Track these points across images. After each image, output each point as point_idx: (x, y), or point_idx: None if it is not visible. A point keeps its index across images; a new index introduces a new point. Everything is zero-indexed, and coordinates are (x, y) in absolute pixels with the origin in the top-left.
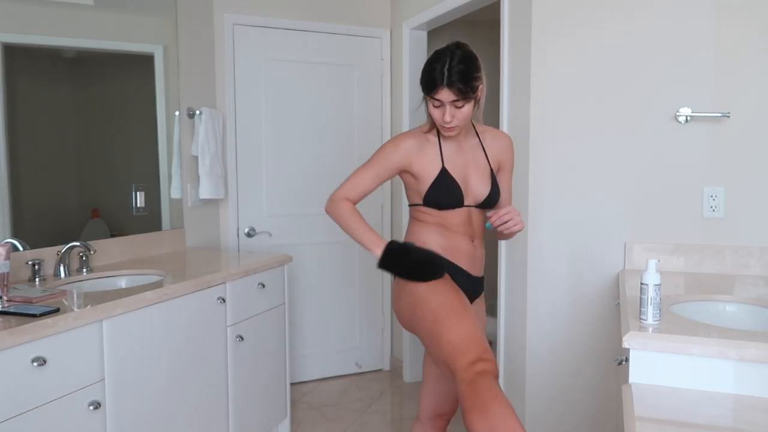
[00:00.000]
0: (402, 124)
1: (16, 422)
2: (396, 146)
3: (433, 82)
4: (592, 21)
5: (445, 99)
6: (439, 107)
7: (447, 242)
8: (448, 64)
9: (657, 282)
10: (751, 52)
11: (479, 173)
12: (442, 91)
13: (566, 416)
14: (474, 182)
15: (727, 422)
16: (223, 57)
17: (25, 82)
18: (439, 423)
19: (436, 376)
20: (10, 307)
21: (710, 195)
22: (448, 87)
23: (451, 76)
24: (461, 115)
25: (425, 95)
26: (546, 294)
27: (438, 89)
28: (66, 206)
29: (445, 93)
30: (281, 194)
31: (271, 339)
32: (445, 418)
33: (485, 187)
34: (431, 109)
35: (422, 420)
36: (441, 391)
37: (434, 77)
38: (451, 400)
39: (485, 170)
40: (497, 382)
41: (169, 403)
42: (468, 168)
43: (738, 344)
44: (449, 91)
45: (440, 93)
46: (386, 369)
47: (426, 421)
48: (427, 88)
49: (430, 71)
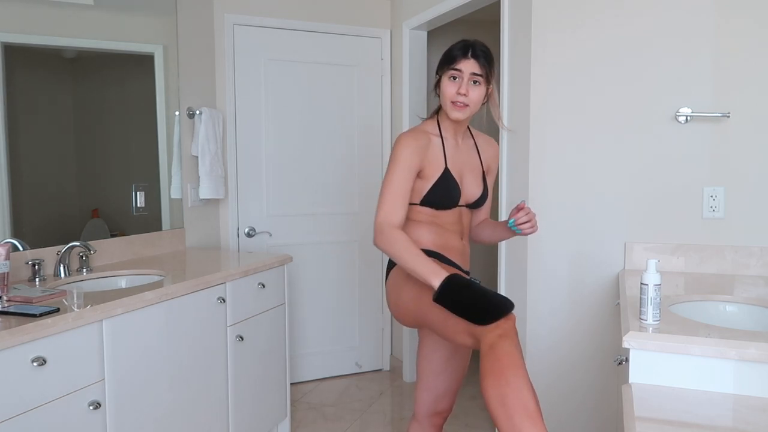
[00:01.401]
0: (402, 124)
1: (16, 422)
2: (410, 148)
3: (457, 54)
4: (592, 21)
5: (466, 69)
6: (456, 80)
7: (441, 240)
8: (473, 43)
9: (657, 282)
10: (751, 52)
11: (473, 174)
12: (465, 61)
13: (566, 416)
14: (468, 183)
15: (727, 422)
16: (223, 57)
17: (25, 82)
18: (436, 421)
19: (434, 374)
20: (10, 307)
21: (710, 195)
22: (473, 58)
23: (475, 50)
24: (474, 96)
25: (443, 70)
26: (546, 294)
27: (461, 59)
28: (66, 206)
29: (468, 63)
30: (281, 194)
31: (271, 339)
32: (442, 416)
33: (478, 188)
34: (446, 85)
35: (419, 418)
36: (438, 388)
37: (457, 51)
38: (448, 397)
39: (479, 172)
40: (517, 345)
41: (169, 403)
42: (464, 168)
43: (738, 344)
44: (473, 62)
45: (462, 63)
46: (386, 369)
47: (423, 419)
48: (448, 60)
49: (453, 47)
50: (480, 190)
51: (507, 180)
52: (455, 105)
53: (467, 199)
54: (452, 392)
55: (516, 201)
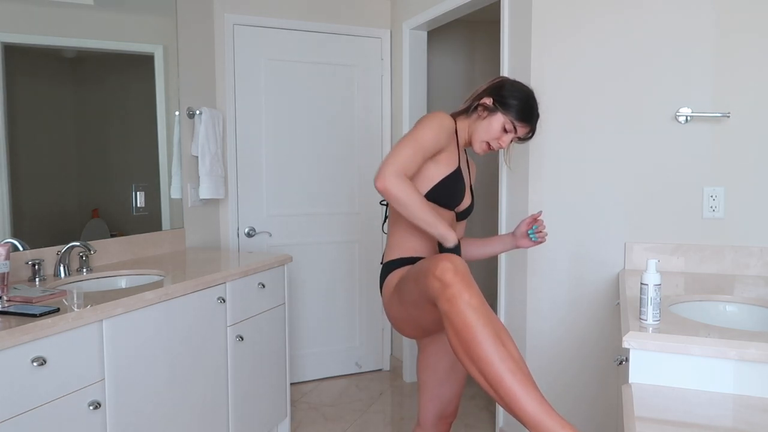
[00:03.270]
0: (402, 125)
1: (16, 422)
2: (444, 125)
3: (530, 116)
4: (592, 21)
5: (521, 132)
6: (508, 133)
7: (427, 246)
8: (538, 111)
9: (657, 282)
10: (751, 52)
11: (468, 185)
12: (527, 125)
13: (566, 416)
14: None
15: (727, 422)
16: (223, 57)
17: (25, 82)
18: (442, 427)
19: (438, 381)
20: (10, 307)
21: (710, 195)
22: (532, 126)
23: (538, 119)
24: (509, 146)
25: (507, 113)
26: (546, 294)
27: (527, 124)
28: (66, 206)
29: (527, 128)
30: (281, 194)
31: (271, 339)
32: (447, 421)
33: (469, 198)
34: (495, 127)
35: (425, 426)
36: (444, 396)
37: (533, 113)
38: (454, 403)
39: (469, 184)
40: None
41: (169, 403)
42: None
43: (738, 344)
44: (530, 128)
45: (525, 127)
46: (386, 369)
47: (429, 427)
48: (522, 117)
49: (532, 106)
50: (470, 201)
51: (507, 180)
52: (488, 146)
53: (460, 207)
54: (457, 396)
55: (517, 206)
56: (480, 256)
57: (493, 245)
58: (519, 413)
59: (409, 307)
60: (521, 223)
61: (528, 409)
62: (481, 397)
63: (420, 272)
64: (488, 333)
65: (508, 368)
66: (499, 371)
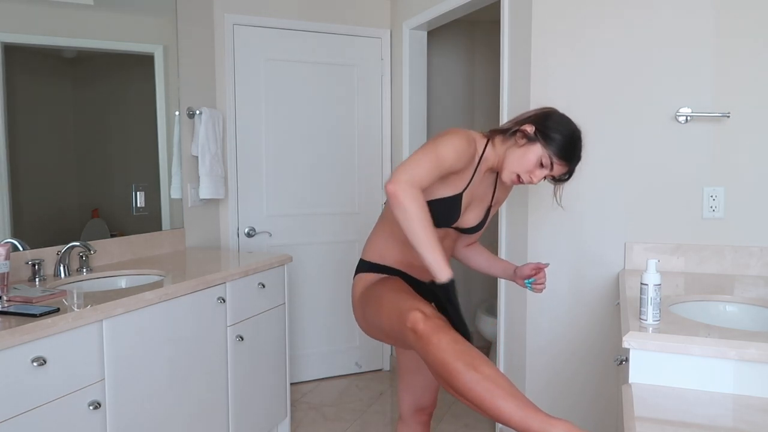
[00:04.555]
0: (402, 125)
1: (16, 422)
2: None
3: (571, 156)
4: (592, 21)
5: (558, 171)
6: (543, 168)
7: (407, 259)
8: (580, 153)
9: (657, 282)
10: (751, 52)
11: (480, 206)
12: (565, 164)
13: (566, 416)
14: (471, 212)
15: (727, 422)
16: (223, 57)
17: (25, 82)
18: (421, 418)
19: (412, 371)
20: (10, 307)
21: (710, 195)
22: (572, 167)
23: (579, 157)
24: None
25: (546, 146)
26: (546, 294)
27: (566, 163)
28: (66, 206)
29: (564, 168)
30: (281, 194)
31: (271, 339)
32: (426, 412)
33: (477, 218)
34: (531, 159)
35: (404, 418)
36: (418, 385)
37: (575, 153)
38: (429, 392)
39: (486, 204)
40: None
41: (169, 403)
42: (476, 198)
43: (738, 344)
44: (568, 169)
45: (563, 166)
46: (386, 369)
47: (408, 417)
48: (563, 154)
49: (577, 145)
50: (478, 221)
51: None
52: (518, 179)
53: (461, 224)
54: (431, 388)
55: (517, 206)
56: (481, 270)
57: (497, 267)
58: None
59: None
60: (526, 265)
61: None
62: None
63: (390, 313)
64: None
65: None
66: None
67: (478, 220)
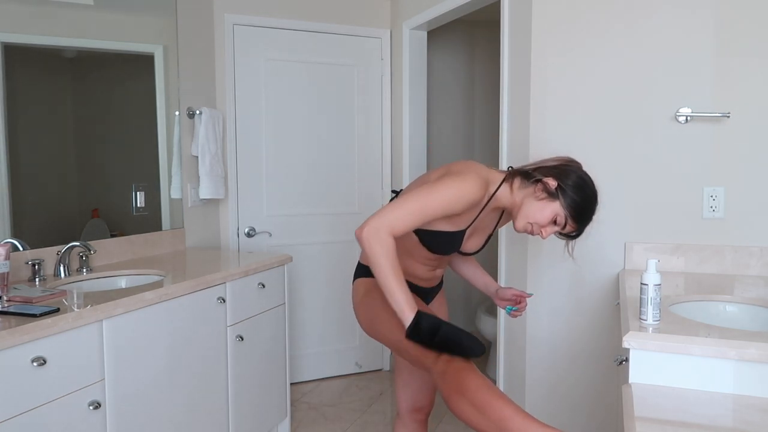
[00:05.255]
0: (402, 124)
1: (16, 422)
2: (468, 197)
3: (584, 220)
4: (592, 21)
5: (569, 229)
6: (555, 225)
7: (408, 269)
8: (592, 215)
9: (657, 282)
10: (751, 52)
11: (482, 234)
12: (576, 227)
13: (566, 416)
14: (472, 240)
15: (727, 422)
16: (223, 57)
17: (25, 82)
18: (418, 416)
19: (408, 369)
20: (10, 307)
21: (710, 195)
22: (581, 228)
23: (588, 222)
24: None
25: (562, 203)
26: (546, 294)
27: (578, 225)
28: (66, 206)
29: (574, 228)
30: (281, 194)
31: (271, 339)
32: (423, 412)
33: (477, 246)
34: (546, 215)
35: (401, 415)
36: (414, 384)
37: (588, 217)
38: (425, 393)
39: (488, 232)
40: (466, 361)
41: (169, 403)
42: (478, 229)
43: (738, 344)
44: (577, 229)
45: (573, 227)
46: (386, 369)
47: (405, 415)
48: (577, 217)
49: (591, 209)
50: (479, 247)
51: None
52: (526, 227)
53: (462, 249)
54: (428, 388)
55: None
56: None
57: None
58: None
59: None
60: (508, 289)
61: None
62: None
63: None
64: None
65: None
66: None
67: (479, 246)
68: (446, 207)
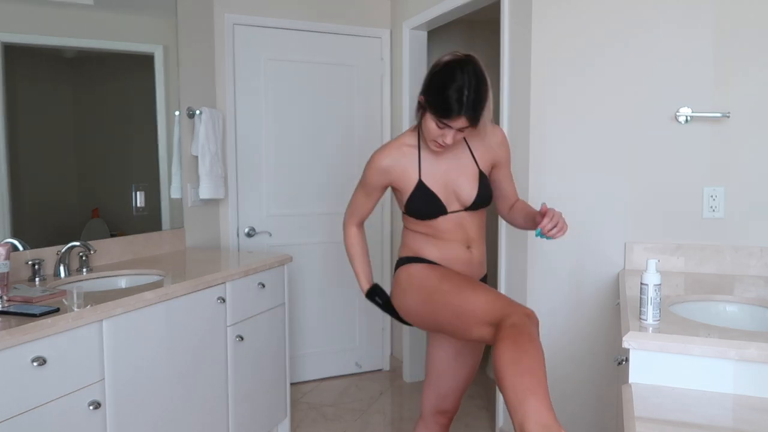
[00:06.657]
0: (402, 125)
1: (16, 422)
2: (374, 168)
3: (449, 110)
4: (592, 21)
5: (455, 126)
6: (443, 128)
7: (441, 254)
8: (466, 93)
9: (657, 282)
10: (751, 53)
11: (465, 177)
12: (457, 119)
13: (566, 416)
14: (460, 187)
15: (727, 422)
16: (223, 57)
17: (25, 82)
18: (441, 420)
19: (440, 373)
20: (10, 307)
21: (710, 195)
22: (465, 115)
23: (467, 104)
24: (460, 137)
25: (433, 112)
26: (546, 294)
27: (453, 118)
28: (66, 206)
29: (459, 121)
30: (281, 194)
31: (271, 339)
32: (447, 416)
33: (472, 189)
34: (431, 126)
35: (424, 416)
36: (441, 387)
37: (450, 105)
38: (451, 398)
39: (472, 172)
40: (535, 327)
41: (169, 403)
42: (450, 174)
43: (738, 344)
44: (464, 118)
45: (454, 121)
46: (386, 369)
47: (428, 417)
48: (441, 113)
49: (446, 98)
50: (475, 192)
51: None
52: (436, 145)
53: (463, 203)
54: (456, 393)
55: None
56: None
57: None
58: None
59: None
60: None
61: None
62: (481, 398)
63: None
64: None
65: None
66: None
67: (474, 189)
68: (373, 179)
